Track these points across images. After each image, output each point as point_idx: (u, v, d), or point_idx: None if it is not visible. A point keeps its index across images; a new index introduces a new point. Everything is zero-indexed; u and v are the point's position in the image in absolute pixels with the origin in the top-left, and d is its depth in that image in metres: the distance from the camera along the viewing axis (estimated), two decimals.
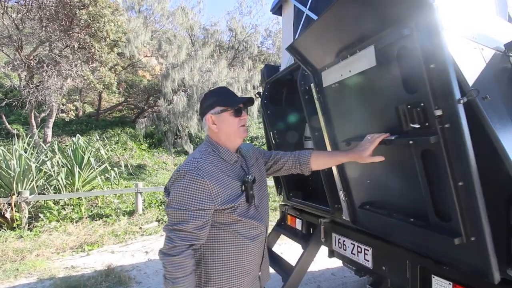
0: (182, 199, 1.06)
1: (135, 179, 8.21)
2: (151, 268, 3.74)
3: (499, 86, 1.19)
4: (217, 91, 1.25)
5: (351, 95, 1.44)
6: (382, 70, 1.18)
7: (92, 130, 10.72)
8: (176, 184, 1.09)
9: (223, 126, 1.18)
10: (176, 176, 1.10)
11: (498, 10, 1.58)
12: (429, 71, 0.99)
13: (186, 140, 11.03)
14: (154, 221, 5.67)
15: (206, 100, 1.22)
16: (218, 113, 1.17)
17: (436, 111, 1.00)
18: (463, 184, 0.99)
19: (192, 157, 1.14)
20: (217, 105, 1.17)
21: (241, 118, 1.19)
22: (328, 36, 1.36)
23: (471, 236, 1.03)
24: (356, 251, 1.92)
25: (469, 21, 1.25)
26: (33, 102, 7.30)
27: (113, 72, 8.56)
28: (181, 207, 1.06)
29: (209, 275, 1.12)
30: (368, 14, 1.14)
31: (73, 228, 5.03)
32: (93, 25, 7.08)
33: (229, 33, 14.58)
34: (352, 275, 2.58)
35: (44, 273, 3.57)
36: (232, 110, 1.17)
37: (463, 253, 1.10)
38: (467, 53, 1.14)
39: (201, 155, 1.14)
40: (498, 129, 1.02)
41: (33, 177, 5.41)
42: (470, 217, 1.02)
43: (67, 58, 7.29)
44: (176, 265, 1.02)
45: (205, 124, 1.21)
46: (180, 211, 1.06)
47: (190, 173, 1.07)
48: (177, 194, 1.07)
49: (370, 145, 1.22)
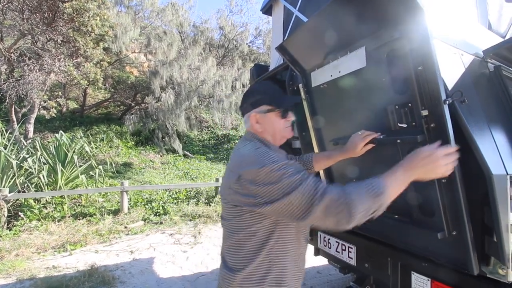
0: (275, 168, 0.88)
1: (120, 178, 8.05)
2: (136, 268, 3.68)
3: (477, 90, 1.24)
4: (264, 87, 1.14)
5: (339, 95, 1.46)
6: (372, 71, 1.21)
7: (76, 126, 10.43)
8: (259, 174, 0.89)
9: (268, 126, 1.08)
10: (254, 169, 0.90)
11: (479, 17, 1.64)
12: (417, 73, 1.03)
13: (174, 138, 10.91)
14: (140, 220, 5.59)
15: (250, 96, 1.12)
16: (264, 112, 1.08)
17: (422, 111, 1.04)
18: (446, 181, 1.03)
19: (259, 154, 0.95)
20: (264, 103, 1.08)
21: (288, 119, 1.12)
22: (319, 37, 1.38)
23: (453, 230, 1.08)
24: (341, 249, 1.96)
25: (450, 27, 1.30)
26: (13, 96, 7.03)
27: (99, 68, 8.32)
28: (280, 171, 0.87)
29: (280, 278, 0.99)
30: (360, 16, 1.17)
31: (55, 227, 4.89)
32: (77, 19, 6.87)
33: (220, 31, 14.52)
34: (337, 272, 2.63)
35: (23, 273, 3.45)
36: (279, 111, 1.09)
37: (444, 247, 1.14)
38: (447, 58, 1.19)
39: (265, 150, 0.97)
40: (474, 131, 1.07)
41: (13, 175, 5.22)
42: (452, 212, 1.06)
43: (50, 52, 7.05)
44: (354, 195, 0.83)
45: (247, 121, 1.11)
46: (283, 177, 0.87)
47: (270, 153, 0.94)
48: (267, 174, 0.88)
49: (361, 142, 1.24)
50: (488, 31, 1.64)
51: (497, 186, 1.04)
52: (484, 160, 1.04)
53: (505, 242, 1.06)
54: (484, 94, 1.28)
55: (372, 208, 0.84)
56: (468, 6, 1.58)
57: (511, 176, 1.08)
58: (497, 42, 1.38)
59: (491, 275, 1.12)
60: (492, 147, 1.12)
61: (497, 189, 1.04)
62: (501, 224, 1.05)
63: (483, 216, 1.13)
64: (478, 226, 1.14)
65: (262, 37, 15.78)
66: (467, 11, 1.58)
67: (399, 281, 1.52)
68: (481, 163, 1.05)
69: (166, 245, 4.55)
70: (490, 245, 1.12)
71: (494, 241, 1.09)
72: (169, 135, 10.91)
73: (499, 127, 1.21)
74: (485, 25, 1.65)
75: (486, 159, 1.04)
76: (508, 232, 1.06)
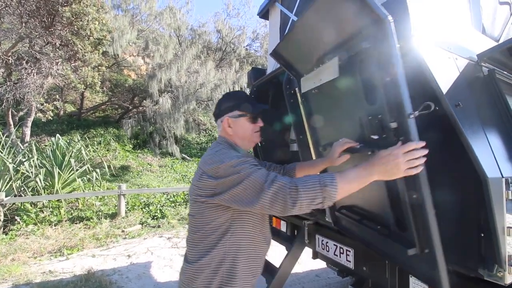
0: (232, 163, 1.02)
1: (118, 181, 8.01)
2: (133, 272, 3.66)
3: (472, 94, 1.26)
4: (237, 95, 1.28)
5: (326, 102, 1.47)
6: (347, 81, 1.20)
7: (73, 130, 10.39)
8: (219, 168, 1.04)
9: (238, 130, 1.21)
10: (214, 166, 1.05)
11: (473, 21, 1.66)
12: (385, 84, 1.00)
13: (171, 142, 10.88)
14: (138, 224, 5.56)
15: (224, 102, 1.25)
16: (235, 117, 1.20)
17: (391, 124, 1.00)
18: (417, 197, 1.00)
19: (221, 153, 1.10)
20: (236, 109, 1.20)
21: (257, 125, 1.24)
22: (304, 45, 1.38)
23: (426, 248, 1.04)
24: (339, 252, 1.96)
25: (444, 31, 1.31)
26: (11, 100, 7.00)
27: (97, 72, 8.31)
28: (237, 166, 1.01)
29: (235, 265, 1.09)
30: (333, 26, 1.16)
31: (51, 231, 4.85)
32: (76, 23, 6.87)
33: (217, 35, 14.56)
34: (335, 276, 2.62)
35: (20, 278, 3.42)
36: (250, 116, 1.21)
37: (418, 262, 1.12)
38: (441, 62, 1.20)
39: (227, 150, 1.13)
40: (469, 135, 1.08)
41: (10, 178, 5.18)
42: (423, 229, 1.02)
43: (48, 55, 7.04)
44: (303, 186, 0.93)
45: (220, 125, 1.23)
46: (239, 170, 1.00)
47: (231, 152, 1.10)
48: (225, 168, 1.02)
49: (338, 150, 1.26)
50: (482, 35, 1.66)
51: (492, 189, 1.05)
52: (479, 163, 1.05)
53: (502, 244, 1.06)
54: (479, 98, 1.29)
55: (317, 198, 0.91)
56: (462, 10, 1.60)
57: (506, 179, 1.09)
58: (491, 46, 1.40)
59: (488, 277, 1.13)
60: (487, 150, 1.13)
61: (492, 192, 1.05)
62: (497, 227, 1.06)
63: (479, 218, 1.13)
64: (475, 230, 1.14)
65: (260, 41, 15.86)
66: (461, 15, 1.60)
67: (397, 285, 1.53)
68: (476, 166, 1.06)
69: (163, 249, 4.53)
70: (486, 248, 1.13)
71: (490, 243, 1.10)
72: (166, 138, 10.88)
73: (494, 131, 1.22)
74: (479, 29, 1.67)
75: (481, 162, 1.05)
76: (504, 235, 1.07)
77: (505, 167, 1.13)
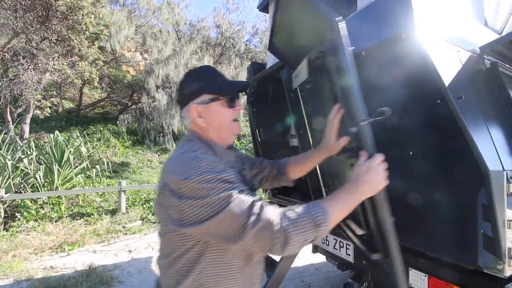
0: (202, 180, 0.75)
1: (118, 177, 8.01)
2: (134, 267, 3.67)
3: (474, 86, 1.25)
4: (203, 72, 0.95)
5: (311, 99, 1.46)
6: (316, 83, 1.18)
7: (72, 126, 10.35)
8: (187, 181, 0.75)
9: (213, 119, 0.91)
10: (176, 178, 0.77)
11: (475, 14, 1.64)
12: (342, 89, 0.96)
13: (169, 138, 10.87)
14: (138, 220, 5.57)
15: (188, 84, 0.93)
16: (206, 103, 0.90)
17: (352, 129, 0.95)
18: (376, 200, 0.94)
19: (187, 158, 0.80)
20: (205, 91, 0.90)
21: (236, 109, 0.95)
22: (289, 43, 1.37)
23: (389, 254, 1.00)
24: (339, 246, 1.97)
25: (447, 24, 1.30)
26: (8, 96, 6.95)
27: (94, 67, 8.25)
28: (209, 184, 0.75)
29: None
30: (302, 28, 1.14)
31: (52, 227, 4.86)
32: (71, 17, 6.79)
33: (216, 30, 14.43)
34: (335, 269, 2.64)
35: (21, 274, 3.43)
36: (224, 99, 0.91)
37: (387, 266, 1.11)
38: (444, 54, 1.19)
39: (200, 151, 0.84)
40: (471, 127, 1.07)
41: (9, 175, 5.18)
42: (382, 234, 0.97)
43: (44, 51, 6.98)
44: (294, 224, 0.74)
45: (187, 116, 0.93)
46: (211, 193, 0.74)
47: (201, 159, 0.79)
48: (191, 187, 0.75)
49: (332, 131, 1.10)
50: (485, 27, 1.65)
51: (494, 182, 1.05)
52: (481, 156, 1.04)
53: (502, 237, 1.07)
54: (481, 91, 1.29)
55: (308, 239, 0.77)
56: (464, 3, 1.59)
57: (507, 172, 1.09)
58: (493, 39, 1.38)
59: (487, 270, 1.13)
60: (489, 143, 1.12)
61: (494, 185, 1.05)
62: (498, 220, 1.06)
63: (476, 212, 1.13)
64: (472, 223, 1.14)
65: (259, 35, 15.72)
66: (463, 8, 1.58)
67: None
68: (478, 159, 1.05)
69: None
70: (486, 240, 1.13)
71: (490, 236, 1.10)
72: (164, 135, 10.86)
73: (495, 124, 1.21)
74: (481, 22, 1.66)
75: (483, 155, 1.05)
76: (505, 228, 1.07)
77: (507, 160, 1.13)
